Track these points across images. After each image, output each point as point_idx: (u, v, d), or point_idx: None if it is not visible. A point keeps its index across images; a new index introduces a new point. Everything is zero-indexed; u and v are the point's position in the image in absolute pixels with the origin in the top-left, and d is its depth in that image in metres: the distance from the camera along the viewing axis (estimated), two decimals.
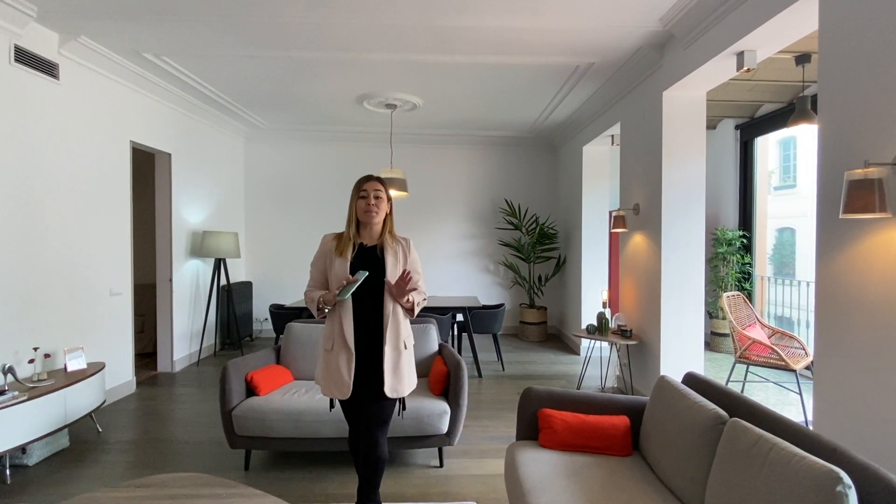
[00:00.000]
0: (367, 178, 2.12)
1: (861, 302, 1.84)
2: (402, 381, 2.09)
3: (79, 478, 2.78)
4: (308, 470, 2.86)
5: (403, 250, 2.14)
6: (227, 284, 5.64)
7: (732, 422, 1.63)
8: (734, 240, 5.65)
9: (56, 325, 3.44)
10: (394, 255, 2.11)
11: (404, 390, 2.11)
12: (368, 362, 2.07)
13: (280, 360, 3.32)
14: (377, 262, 2.08)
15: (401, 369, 2.08)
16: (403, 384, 2.10)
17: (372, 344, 2.07)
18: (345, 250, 2.06)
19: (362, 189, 2.08)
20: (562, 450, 2.15)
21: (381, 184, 2.11)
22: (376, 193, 2.08)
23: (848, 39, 1.89)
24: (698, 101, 3.54)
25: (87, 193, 3.75)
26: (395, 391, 2.07)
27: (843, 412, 1.93)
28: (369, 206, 2.06)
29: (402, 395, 2.11)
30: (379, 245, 2.12)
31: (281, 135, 6.62)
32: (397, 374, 2.07)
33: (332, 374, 2.06)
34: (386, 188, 2.13)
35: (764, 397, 4.18)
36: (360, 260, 2.08)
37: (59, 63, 3.46)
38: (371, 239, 2.13)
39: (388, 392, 2.05)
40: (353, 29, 3.37)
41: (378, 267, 2.08)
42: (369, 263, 2.07)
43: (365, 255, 2.10)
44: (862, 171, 1.65)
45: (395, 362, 2.07)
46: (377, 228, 2.13)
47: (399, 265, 2.11)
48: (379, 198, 2.09)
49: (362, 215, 2.08)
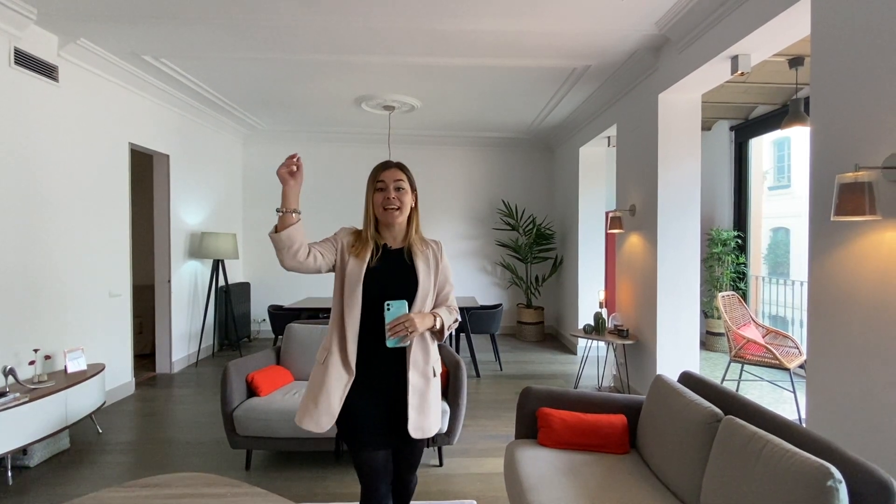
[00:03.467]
0: (385, 164, 1.67)
1: (852, 302, 1.89)
2: (428, 416, 1.64)
3: (80, 479, 2.80)
4: (309, 469, 2.88)
5: (435, 255, 1.72)
6: (225, 285, 5.65)
7: (727, 419, 1.67)
8: (729, 240, 5.71)
9: (56, 327, 3.45)
10: (425, 260, 1.69)
11: (432, 428, 1.65)
12: (386, 394, 1.62)
13: (280, 361, 3.35)
14: (406, 269, 1.66)
15: (428, 402, 1.65)
16: (430, 420, 1.65)
17: (388, 369, 1.63)
18: (364, 252, 1.63)
19: (379, 180, 1.64)
20: (560, 448, 2.18)
21: (403, 172, 1.67)
22: (397, 184, 1.63)
23: (839, 44, 1.94)
24: (693, 103, 3.59)
25: (87, 195, 3.76)
26: (420, 430, 1.61)
27: (836, 410, 1.98)
28: (389, 200, 1.61)
29: (429, 434, 1.65)
30: (406, 248, 1.69)
31: (279, 136, 6.63)
32: (424, 408, 1.63)
33: (316, 395, 1.60)
34: (410, 177, 1.69)
35: (758, 395, 4.23)
36: (385, 265, 1.65)
37: (59, 65, 3.47)
38: (394, 241, 1.70)
39: (413, 432, 1.59)
40: (351, 32, 3.40)
41: (408, 274, 1.65)
42: (395, 270, 1.65)
43: (390, 258, 1.67)
44: (852, 175, 1.70)
45: (422, 393, 1.63)
46: (401, 228, 1.69)
47: (431, 272, 1.69)
48: (401, 189, 1.64)
49: (381, 213, 1.63)
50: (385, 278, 1.63)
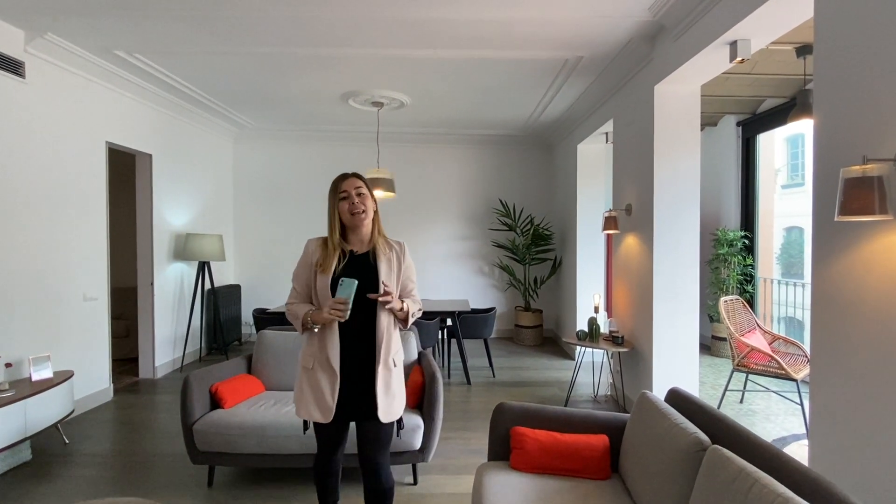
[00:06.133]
0: (344, 176, 1.88)
1: (858, 312, 1.66)
2: (394, 401, 1.90)
3: (38, 494, 2.65)
4: (277, 487, 2.71)
5: (398, 255, 1.93)
6: (211, 288, 5.52)
7: (712, 449, 1.45)
8: (735, 240, 5.44)
9: (23, 333, 3.32)
10: (387, 261, 1.89)
11: (397, 411, 1.92)
12: (357, 383, 1.86)
13: (252, 370, 3.18)
14: (370, 271, 1.85)
15: (392, 388, 1.89)
16: (395, 405, 1.91)
17: (360, 362, 1.86)
18: (328, 265, 1.82)
19: (341, 190, 1.84)
20: (534, 472, 1.98)
21: (360, 180, 1.88)
22: (358, 191, 1.84)
23: (844, 24, 1.71)
24: (692, 95, 3.35)
25: (59, 195, 3.63)
26: (388, 414, 1.86)
27: (840, 431, 1.75)
28: (354, 205, 1.82)
29: (396, 417, 1.91)
30: (371, 251, 1.89)
31: (269, 135, 6.48)
32: (389, 394, 1.88)
33: (315, 396, 1.85)
34: (367, 184, 1.90)
35: (765, 406, 3.97)
36: (351, 270, 1.84)
37: (25, 61, 3.34)
38: (361, 244, 1.90)
39: (383, 417, 1.84)
40: (327, 23, 3.22)
41: (371, 276, 1.84)
42: (360, 273, 1.83)
43: (356, 263, 1.87)
44: (860, 168, 1.47)
45: (386, 382, 1.87)
46: (367, 230, 1.89)
47: (393, 273, 1.90)
48: (362, 195, 1.85)
49: (348, 219, 1.84)
50: (347, 277, 1.79)
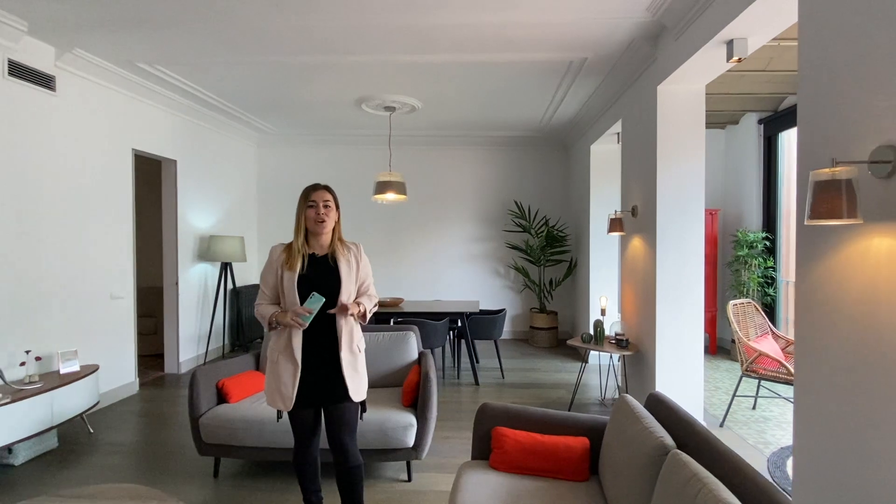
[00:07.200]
0: (315, 187, 2.12)
1: (838, 318, 1.62)
2: (361, 382, 2.13)
3: (62, 478, 2.85)
4: (281, 480, 2.82)
5: (355, 256, 2.17)
6: (234, 287, 5.74)
7: (673, 454, 1.46)
8: (756, 242, 5.27)
9: (54, 329, 3.56)
10: (346, 262, 2.12)
11: (363, 392, 2.14)
12: (321, 368, 2.07)
13: (259, 367, 3.31)
14: (330, 272, 2.09)
15: (358, 371, 2.12)
16: (362, 385, 2.13)
17: (325, 349, 2.08)
18: (294, 263, 2.05)
19: (310, 199, 2.09)
20: (512, 472, 2.02)
21: (329, 193, 2.13)
22: (325, 203, 2.09)
23: (827, 20, 1.67)
24: (696, 95, 3.29)
25: (88, 201, 3.88)
26: (357, 393, 2.09)
27: (823, 439, 1.71)
28: (319, 215, 2.07)
29: (363, 396, 2.14)
30: (330, 254, 2.12)
31: (289, 139, 6.69)
32: (357, 374, 2.11)
33: (278, 386, 2.06)
34: (334, 197, 2.15)
35: (780, 413, 3.85)
36: (313, 271, 2.07)
37: (56, 75, 3.58)
38: (321, 248, 2.13)
39: (354, 395, 2.07)
40: (334, 31, 3.33)
41: (332, 276, 2.08)
42: (322, 274, 2.07)
43: (317, 265, 2.09)
44: (829, 171, 1.44)
45: (353, 365, 2.10)
46: (327, 237, 2.13)
47: (352, 272, 2.13)
48: (328, 206, 2.10)
49: (312, 225, 2.08)
50: (315, 282, 2.05)
